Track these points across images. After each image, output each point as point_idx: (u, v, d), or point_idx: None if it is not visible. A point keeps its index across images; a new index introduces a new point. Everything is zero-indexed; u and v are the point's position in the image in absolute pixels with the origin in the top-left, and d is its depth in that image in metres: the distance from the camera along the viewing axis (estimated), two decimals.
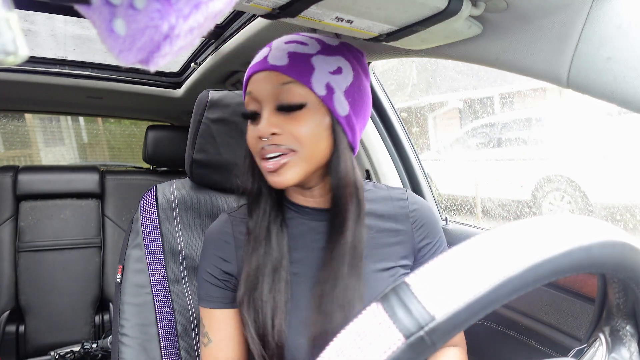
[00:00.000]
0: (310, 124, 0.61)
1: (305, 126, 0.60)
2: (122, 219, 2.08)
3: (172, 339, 0.90)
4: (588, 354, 0.38)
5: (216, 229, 0.74)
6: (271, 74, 0.61)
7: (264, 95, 0.61)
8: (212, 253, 0.72)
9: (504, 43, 0.62)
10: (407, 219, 0.74)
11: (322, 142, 0.62)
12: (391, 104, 1.28)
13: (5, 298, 1.83)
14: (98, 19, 0.22)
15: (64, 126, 3.45)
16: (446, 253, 0.28)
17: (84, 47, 1.50)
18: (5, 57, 0.18)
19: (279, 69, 0.60)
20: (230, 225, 0.73)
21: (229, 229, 0.73)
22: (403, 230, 0.73)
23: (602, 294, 0.38)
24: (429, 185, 1.28)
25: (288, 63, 0.60)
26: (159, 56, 0.21)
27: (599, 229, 0.28)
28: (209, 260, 0.71)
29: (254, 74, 0.63)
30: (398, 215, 0.74)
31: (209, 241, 0.73)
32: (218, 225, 0.75)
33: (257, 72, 0.62)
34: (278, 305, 0.64)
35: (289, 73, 0.60)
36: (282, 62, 0.60)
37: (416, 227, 0.74)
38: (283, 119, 0.61)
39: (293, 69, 0.60)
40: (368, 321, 0.25)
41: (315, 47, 0.63)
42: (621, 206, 2.30)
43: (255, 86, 0.62)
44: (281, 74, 0.60)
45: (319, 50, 0.62)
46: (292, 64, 0.60)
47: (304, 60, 0.61)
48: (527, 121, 3.25)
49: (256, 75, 0.62)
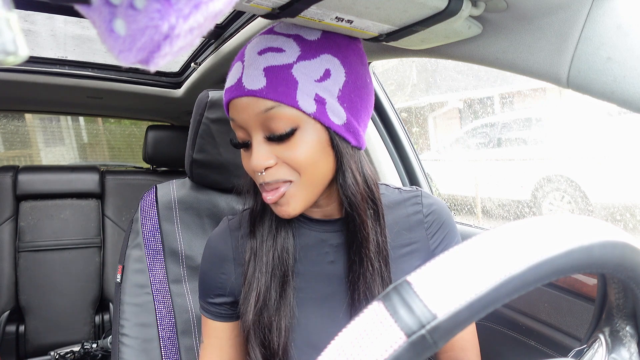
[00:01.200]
0: (305, 147, 0.54)
1: (300, 151, 0.53)
2: (122, 219, 2.08)
3: (172, 339, 0.90)
4: (588, 354, 0.38)
5: (215, 241, 0.70)
6: (250, 100, 0.53)
7: (249, 124, 0.54)
8: (212, 267, 0.69)
9: (504, 43, 0.62)
10: (422, 225, 0.68)
11: (322, 162, 0.56)
12: (391, 104, 1.28)
13: (5, 298, 1.83)
14: (98, 19, 0.22)
15: (64, 126, 3.45)
16: (447, 252, 0.28)
17: (84, 47, 1.50)
18: (5, 57, 0.18)
19: (257, 93, 0.52)
20: (230, 236, 0.69)
21: (229, 242, 0.69)
22: (417, 239, 0.68)
23: (602, 294, 0.38)
24: (429, 185, 1.28)
25: (266, 84, 0.52)
26: (159, 56, 0.21)
27: (599, 229, 0.28)
28: (208, 274, 0.69)
29: (232, 99, 0.55)
30: (412, 224, 0.68)
31: (209, 254, 0.70)
32: (217, 237, 0.70)
33: (234, 98, 0.55)
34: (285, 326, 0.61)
35: (269, 96, 0.52)
36: (259, 84, 0.52)
37: (431, 232, 0.69)
38: (276, 147, 0.54)
39: (272, 90, 0.52)
40: (369, 320, 0.25)
41: (293, 51, 0.54)
42: (621, 206, 2.30)
43: (237, 114, 0.55)
44: (261, 99, 0.52)
45: (298, 55, 0.53)
46: (271, 84, 0.52)
47: (284, 76, 0.52)
48: (527, 121, 3.25)
49: (235, 102, 0.55)
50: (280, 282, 0.62)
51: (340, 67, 0.56)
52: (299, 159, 0.54)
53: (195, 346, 0.92)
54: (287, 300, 0.62)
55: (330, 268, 0.65)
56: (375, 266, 0.61)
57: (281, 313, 0.61)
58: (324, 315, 0.64)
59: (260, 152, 0.54)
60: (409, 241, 0.67)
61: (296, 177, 0.55)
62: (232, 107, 0.56)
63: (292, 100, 0.52)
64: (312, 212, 0.65)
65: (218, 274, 0.68)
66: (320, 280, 0.65)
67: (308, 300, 0.64)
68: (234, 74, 0.56)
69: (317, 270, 0.65)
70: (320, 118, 0.54)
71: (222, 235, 0.70)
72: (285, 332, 0.61)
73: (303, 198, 0.56)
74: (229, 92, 0.55)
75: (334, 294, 0.64)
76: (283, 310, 0.61)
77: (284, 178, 0.54)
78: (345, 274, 0.64)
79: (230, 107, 0.56)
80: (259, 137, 0.54)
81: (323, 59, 0.55)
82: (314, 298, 0.64)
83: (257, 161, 0.53)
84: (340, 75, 0.55)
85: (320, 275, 0.65)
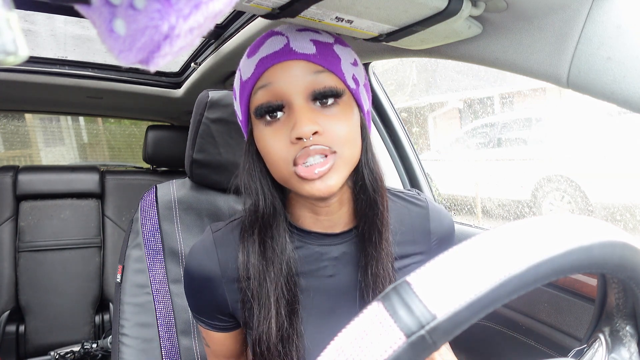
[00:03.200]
0: (347, 119, 0.54)
1: (344, 122, 0.53)
2: (122, 219, 2.08)
3: (172, 339, 0.90)
4: (588, 354, 0.38)
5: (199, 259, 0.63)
6: (299, 63, 0.52)
7: (293, 86, 0.52)
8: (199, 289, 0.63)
9: (504, 43, 0.62)
10: (428, 236, 0.66)
11: (357, 141, 0.55)
12: (391, 104, 1.28)
13: (5, 298, 1.83)
14: (98, 19, 0.22)
15: (64, 126, 3.45)
16: (447, 252, 0.28)
17: (84, 47, 1.50)
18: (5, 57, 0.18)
19: (309, 57, 0.52)
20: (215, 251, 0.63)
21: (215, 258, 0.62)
22: (421, 250, 0.66)
23: (602, 294, 0.38)
24: (429, 185, 1.28)
25: (316, 51, 0.53)
26: (159, 56, 0.21)
27: (599, 229, 0.28)
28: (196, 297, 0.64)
29: (272, 65, 0.53)
30: (416, 234, 0.66)
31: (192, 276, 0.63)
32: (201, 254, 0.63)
33: (278, 62, 0.53)
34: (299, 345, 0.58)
35: (319, 62, 0.52)
36: (310, 50, 0.52)
37: (436, 243, 0.67)
38: (319, 115, 0.52)
39: (322, 57, 0.53)
40: (369, 320, 0.25)
41: (329, 36, 0.57)
42: (621, 206, 2.30)
43: (281, 78, 0.52)
44: (311, 63, 0.52)
45: (335, 39, 0.56)
46: (320, 53, 0.53)
47: (329, 49, 0.54)
48: (527, 121, 3.25)
49: (279, 66, 0.52)
50: (290, 300, 0.58)
51: (360, 63, 0.60)
52: (342, 131, 0.52)
53: (195, 346, 0.92)
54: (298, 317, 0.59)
55: (329, 282, 0.62)
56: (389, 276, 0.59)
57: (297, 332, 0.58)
58: (327, 330, 0.60)
59: (307, 116, 0.51)
60: (414, 253, 0.66)
61: (339, 147, 0.52)
62: (273, 71, 0.53)
63: (339, 71, 0.54)
64: (318, 222, 0.61)
65: (208, 296, 0.63)
66: (320, 295, 0.62)
67: (310, 316, 0.61)
68: (273, 43, 0.54)
69: (317, 285, 0.62)
70: (357, 96, 0.56)
71: (207, 251, 0.63)
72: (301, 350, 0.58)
73: (342, 176, 0.53)
74: (272, 57, 0.53)
75: (334, 308, 0.62)
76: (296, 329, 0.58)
77: (329, 145, 0.52)
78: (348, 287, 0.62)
79: (270, 72, 0.53)
80: (302, 102, 0.52)
81: (351, 50, 0.59)
82: (315, 314, 0.62)
83: (306, 124, 0.50)
84: (362, 69, 0.60)
85: (320, 290, 0.62)
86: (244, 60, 0.57)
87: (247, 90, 0.55)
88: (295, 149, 0.51)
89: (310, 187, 0.52)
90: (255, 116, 0.55)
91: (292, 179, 0.53)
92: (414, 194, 0.71)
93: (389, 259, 0.60)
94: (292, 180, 0.53)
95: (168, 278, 0.92)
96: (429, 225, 0.67)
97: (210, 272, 0.62)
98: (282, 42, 0.53)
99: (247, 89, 0.55)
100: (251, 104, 0.55)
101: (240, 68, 0.58)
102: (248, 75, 0.55)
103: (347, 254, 0.62)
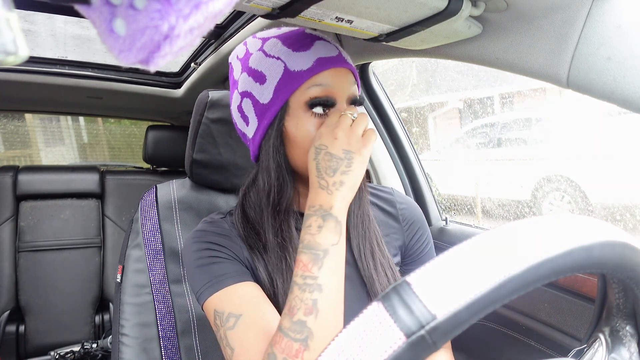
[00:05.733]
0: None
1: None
2: (122, 219, 2.08)
3: (172, 339, 0.90)
4: (588, 354, 0.38)
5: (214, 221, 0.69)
6: (348, 72, 0.64)
7: (343, 91, 0.63)
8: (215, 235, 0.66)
9: (504, 43, 0.62)
10: (397, 217, 0.78)
11: None
12: (391, 104, 1.28)
13: (5, 298, 1.83)
14: (98, 19, 0.22)
15: (64, 126, 3.45)
16: (447, 252, 0.28)
17: (84, 47, 1.50)
18: (5, 57, 0.18)
19: (352, 68, 0.65)
20: (228, 225, 0.69)
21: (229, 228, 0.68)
22: (395, 226, 0.77)
23: (602, 294, 0.38)
24: (429, 185, 1.28)
25: (352, 64, 0.66)
26: (159, 56, 0.21)
27: (599, 229, 0.28)
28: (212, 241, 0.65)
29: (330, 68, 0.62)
30: (389, 213, 0.78)
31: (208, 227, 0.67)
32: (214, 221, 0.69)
33: (334, 67, 0.62)
34: None
35: (355, 74, 0.66)
36: (351, 62, 0.66)
37: (406, 224, 0.77)
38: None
39: (354, 71, 0.66)
40: (369, 320, 0.25)
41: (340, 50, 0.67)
42: (621, 206, 2.30)
43: (333, 80, 0.62)
44: (351, 74, 0.65)
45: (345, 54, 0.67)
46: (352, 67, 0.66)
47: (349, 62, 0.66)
48: (527, 121, 3.25)
49: (336, 70, 0.62)
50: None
51: None
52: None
53: (195, 346, 0.92)
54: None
55: None
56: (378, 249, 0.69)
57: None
58: None
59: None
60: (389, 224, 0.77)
61: None
62: (330, 74, 0.62)
63: (358, 83, 0.68)
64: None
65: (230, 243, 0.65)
66: None
67: None
68: (326, 48, 0.63)
69: None
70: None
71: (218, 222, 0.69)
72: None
73: None
74: (332, 61, 0.62)
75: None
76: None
77: None
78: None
79: (327, 74, 0.62)
80: (345, 105, 0.64)
81: None
82: None
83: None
84: None
85: None
86: (286, 51, 0.62)
87: (299, 80, 0.61)
88: None
89: None
90: (306, 105, 0.62)
91: None
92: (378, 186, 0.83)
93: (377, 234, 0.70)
94: None
95: (168, 278, 0.92)
96: (397, 207, 0.78)
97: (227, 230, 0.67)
98: (335, 50, 0.64)
99: (299, 79, 0.61)
100: (299, 95, 0.62)
101: (279, 57, 0.62)
102: (302, 67, 0.61)
103: None
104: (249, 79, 0.65)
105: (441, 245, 1.10)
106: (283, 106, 0.62)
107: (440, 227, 1.17)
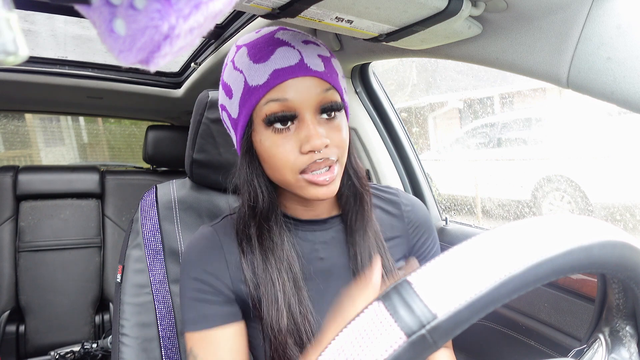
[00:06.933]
0: (345, 128, 0.61)
1: (344, 133, 0.60)
2: (122, 219, 2.08)
3: (172, 339, 0.90)
4: (588, 354, 0.38)
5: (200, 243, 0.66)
6: (313, 80, 0.57)
7: (306, 101, 0.56)
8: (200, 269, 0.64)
9: (504, 43, 0.62)
10: (402, 219, 0.75)
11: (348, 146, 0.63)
12: (391, 104, 1.28)
13: (5, 298, 1.83)
14: (98, 19, 0.22)
15: (64, 126, 3.45)
16: (447, 252, 0.28)
17: (84, 47, 1.50)
18: (5, 57, 0.18)
19: (322, 75, 0.57)
20: (218, 238, 0.66)
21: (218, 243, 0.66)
22: (400, 229, 0.74)
23: (602, 294, 0.38)
24: (429, 185, 1.28)
25: (325, 68, 0.58)
26: (159, 56, 0.21)
27: (599, 229, 0.28)
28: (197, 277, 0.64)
29: (291, 79, 0.56)
30: (393, 215, 0.75)
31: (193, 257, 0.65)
32: (202, 239, 0.67)
33: (291, 78, 0.56)
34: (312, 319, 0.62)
35: (328, 79, 0.58)
36: (321, 68, 0.57)
37: (411, 227, 0.75)
38: (325, 127, 0.58)
39: (329, 74, 0.58)
40: (369, 320, 0.25)
41: (326, 49, 0.61)
42: (621, 206, 2.30)
43: (296, 92, 0.56)
44: (322, 81, 0.57)
45: (330, 53, 0.61)
46: (327, 70, 0.58)
47: (331, 65, 0.59)
48: (527, 121, 3.25)
49: (295, 81, 0.56)
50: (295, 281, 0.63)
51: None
52: (344, 141, 0.60)
53: None
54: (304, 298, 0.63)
55: (320, 265, 0.68)
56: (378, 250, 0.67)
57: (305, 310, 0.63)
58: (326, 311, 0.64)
59: (319, 131, 0.57)
60: (392, 235, 0.73)
61: (341, 156, 0.60)
62: (288, 86, 0.56)
63: (339, 87, 0.60)
64: (303, 213, 0.68)
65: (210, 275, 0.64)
66: (314, 278, 0.67)
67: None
68: (287, 56, 0.56)
69: (311, 269, 0.67)
70: (346, 107, 0.63)
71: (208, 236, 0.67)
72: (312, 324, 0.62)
73: (339, 179, 0.61)
74: (289, 72, 0.56)
75: (326, 290, 0.67)
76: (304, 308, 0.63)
77: (334, 156, 0.59)
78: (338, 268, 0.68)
79: (285, 87, 0.56)
80: (312, 116, 0.57)
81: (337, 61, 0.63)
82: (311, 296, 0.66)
83: (320, 139, 0.56)
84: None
85: (314, 273, 0.67)
86: (248, 63, 0.58)
87: (255, 97, 0.57)
88: (305, 160, 0.57)
89: (315, 191, 0.58)
90: (264, 123, 0.57)
91: (297, 183, 0.58)
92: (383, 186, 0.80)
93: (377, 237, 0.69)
94: (297, 184, 0.59)
95: (168, 278, 0.92)
96: (402, 208, 0.75)
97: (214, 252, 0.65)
98: (296, 57, 0.56)
99: (256, 95, 0.57)
100: (258, 110, 0.58)
101: (242, 69, 0.58)
102: (259, 82, 0.56)
103: (335, 239, 0.69)
104: (222, 91, 0.64)
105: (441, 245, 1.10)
106: (248, 122, 0.60)
107: (440, 227, 1.17)
